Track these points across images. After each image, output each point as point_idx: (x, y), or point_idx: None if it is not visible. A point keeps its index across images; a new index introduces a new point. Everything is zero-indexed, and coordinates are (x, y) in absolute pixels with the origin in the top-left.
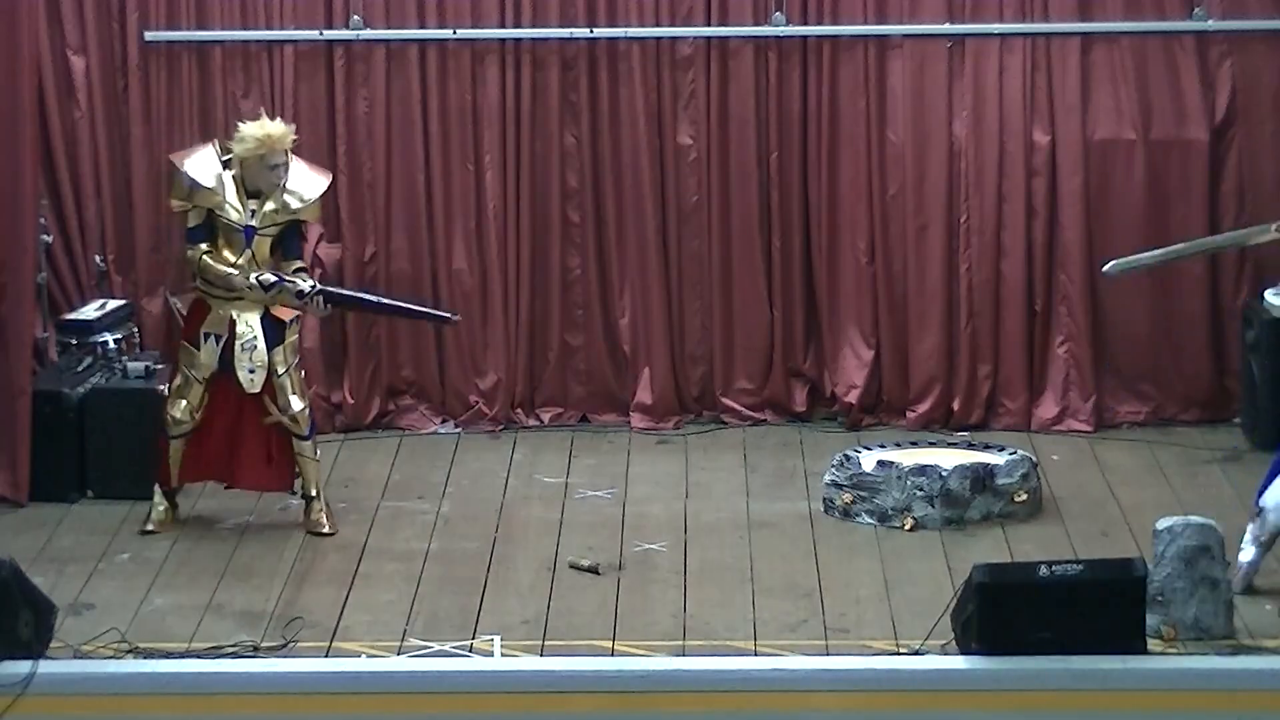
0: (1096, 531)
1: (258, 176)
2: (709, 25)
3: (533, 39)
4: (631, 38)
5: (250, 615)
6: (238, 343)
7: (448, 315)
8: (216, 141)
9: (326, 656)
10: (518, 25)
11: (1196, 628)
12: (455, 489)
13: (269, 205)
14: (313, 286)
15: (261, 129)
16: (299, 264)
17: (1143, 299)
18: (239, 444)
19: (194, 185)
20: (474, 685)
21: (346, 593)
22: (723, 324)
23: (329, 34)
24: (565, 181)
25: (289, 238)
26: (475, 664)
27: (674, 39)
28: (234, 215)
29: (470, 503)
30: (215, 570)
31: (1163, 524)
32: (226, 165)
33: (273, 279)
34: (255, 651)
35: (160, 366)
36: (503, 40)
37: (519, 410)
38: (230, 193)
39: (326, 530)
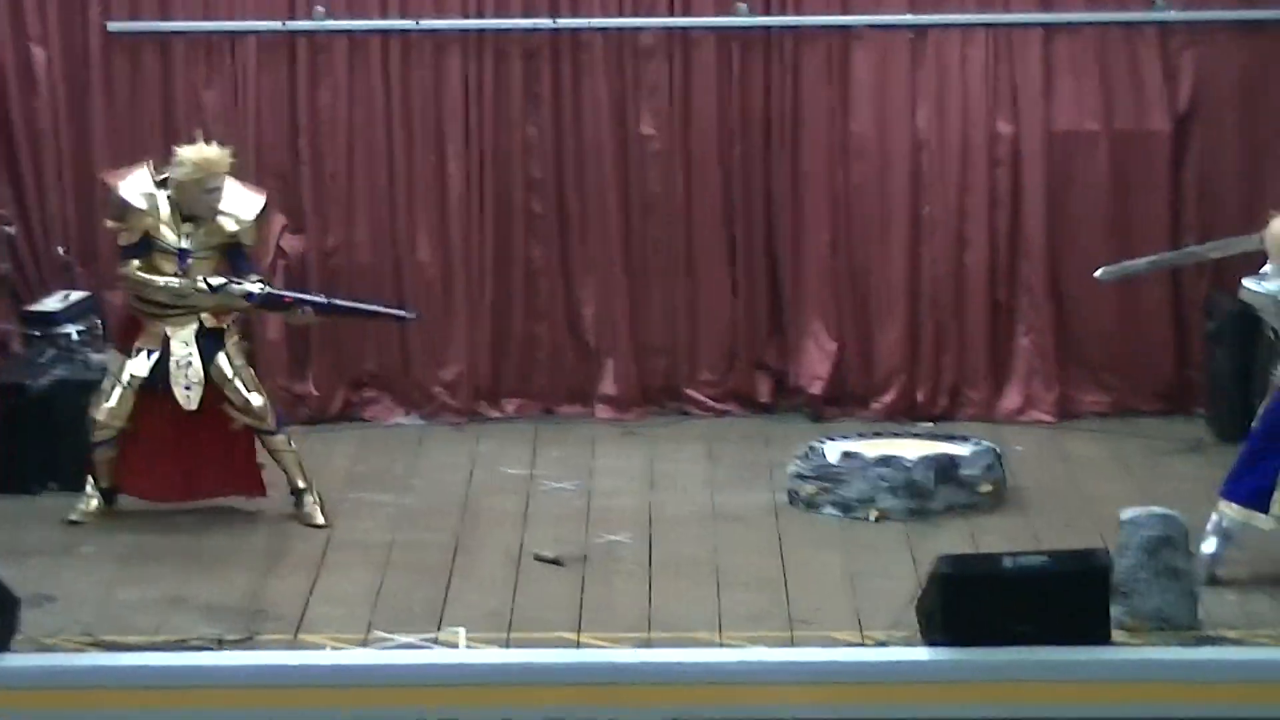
0: (1060, 522)
1: (195, 201)
2: (672, 16)
3: (495, 30)
4: (594, 28)
5: (214, 608)
6: (172, 360)
7: (403, 314)
8: (151, 162)
9: (291, 649)
10: (480, 16)
11: (1160, 618)
12: (419, 481)
13: (203, 229)
14: (261, 288)
15: (199, 153)
16: (255, 278)
17: (1106, 290)
18: (194, 456)
19: (126, 206)
20: (439, 677)
21: (311, 585)
22: (687, 315)
23: (291, 24)
24: (528, 172)
25: (235, 258)
26: (440, 656)
27: (637, 30)
28: (169, 238)
29: (435, 495)
30: (180, 563)
31: (1126, 515)
32: (161, 185)
33: (219, 281)
34: (219, 644)
35: None
36: (465, 31)
37: (483, 402)
38: (165, 214)
39: (320, 523)
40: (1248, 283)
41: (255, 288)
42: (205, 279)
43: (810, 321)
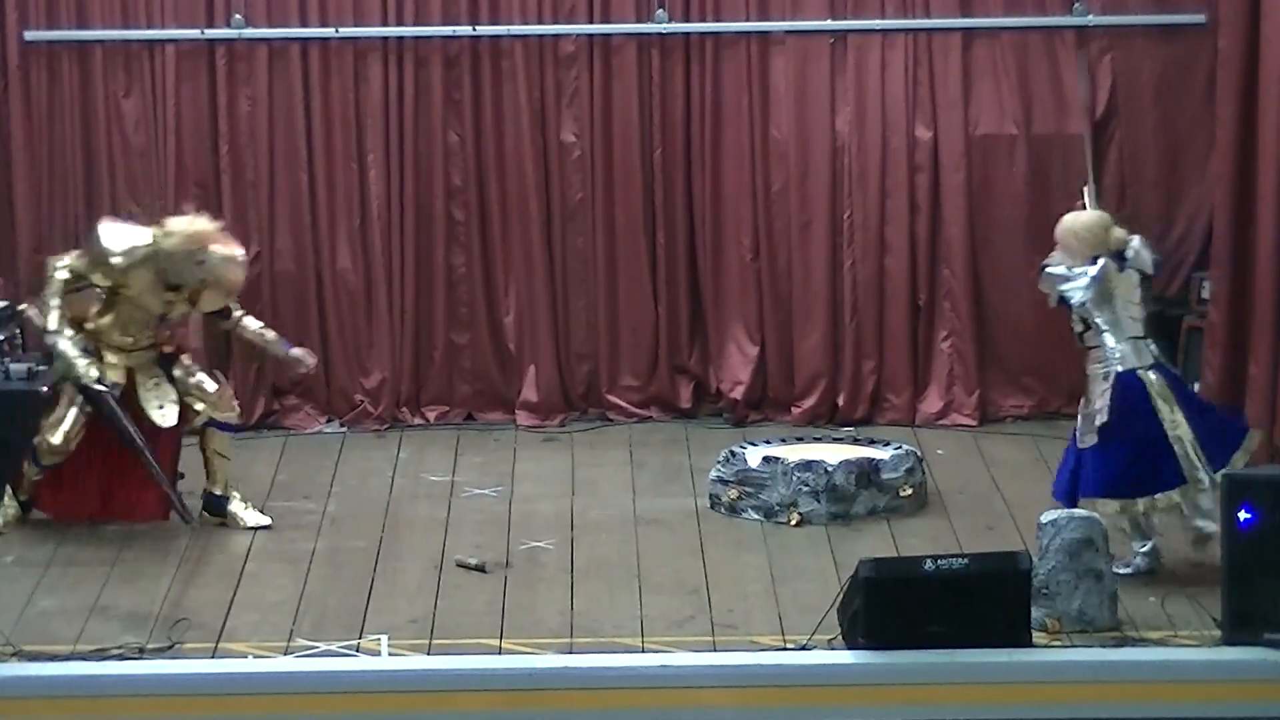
0: (981, 525)
1: (182, 270)
2: (591, 22)
3: (415, 37)
4: (514, 35)
5: (136, 617)
6: (141, 389)
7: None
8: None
9: (213, 657)
10: (400, 23)
11: (1081, 620)
12: (341, 488)
13: (180, 305)
14: (98, 383)
15: (190, 225)
16: (236, 312)
17: (1026, 293)
18: (113, 476)
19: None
20: (361, 685)
21: (233, 593)
22: (608, 321)
23: (210, 33)
24: (449, 180)
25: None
26: (362, 664)
27: (557, 36)
28: (152, 305)
29: (356, 502)
30: (100, 572)
31: (1047, 517)
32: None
33: (62, 352)
34: (141, 653)
35: (43, 368)
36: (385, 39)
37: (404, 409)
38: (145, 284)
39: (263, 523)
40: (1051, 269)
41: (91, 379)
42: (55, 345)
43: (731, 326)
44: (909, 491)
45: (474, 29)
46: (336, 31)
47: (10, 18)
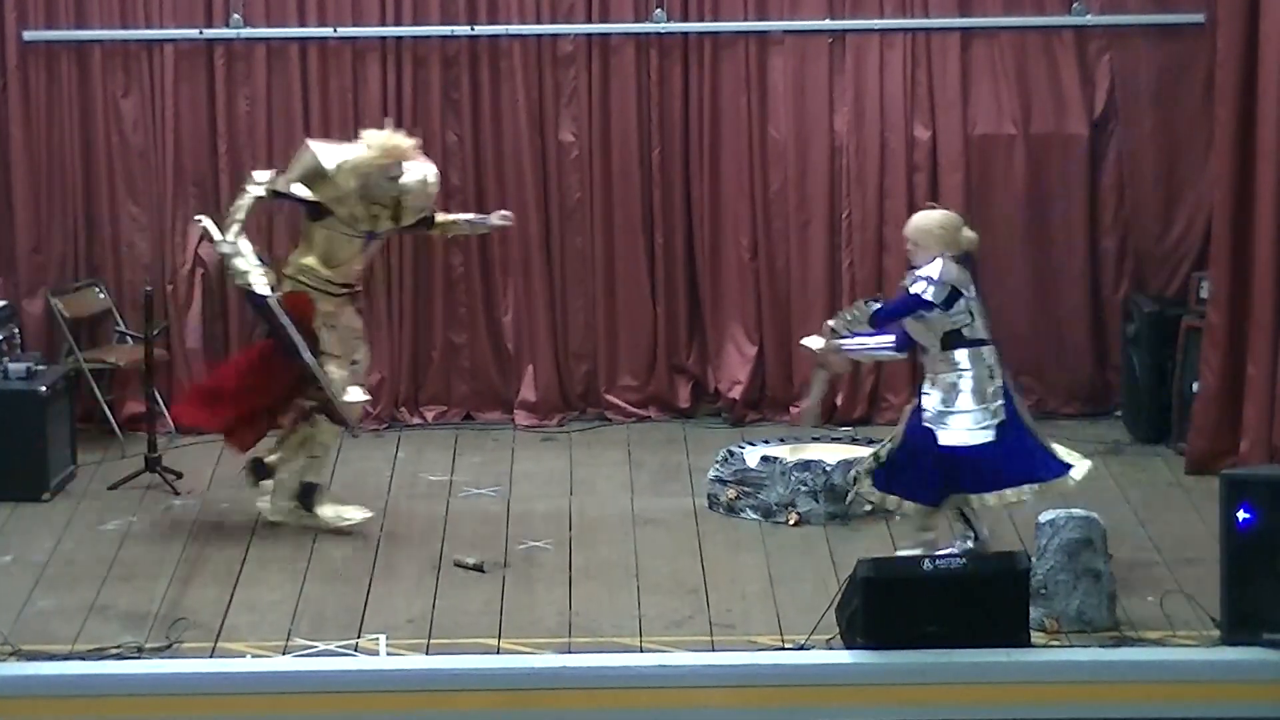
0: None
1: (379, 184)
2: (590, 22)
3: (414, 37)
4: (512, 35)
5: (134, 616)
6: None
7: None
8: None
9: (211, 657)
10: (399, 23)
11: (1079, 620)
12: (340, 487)
13: (385, 220)
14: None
15: (388, 139)
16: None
17: (1024, 293)
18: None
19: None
20: (360, 684)
21: (231, 593)
22: (606, 321)
23: (209, 33)
24: (447, 179)
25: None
26: (361, 663)
27: (555, 36)
28: (361, 217)
29: (355, 501)
30: (99, 572)
31: (1045, 517)
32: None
33: (235, 264)
34: (139, 653)
35: (42, 368)
36: (384, 38)
37: (403, 408)
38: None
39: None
40: (807, 341)
41: (263, 288)
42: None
43: (729, 326)
44: None
45: (472, 29)
46: (335, 31)
47: (9, 17)
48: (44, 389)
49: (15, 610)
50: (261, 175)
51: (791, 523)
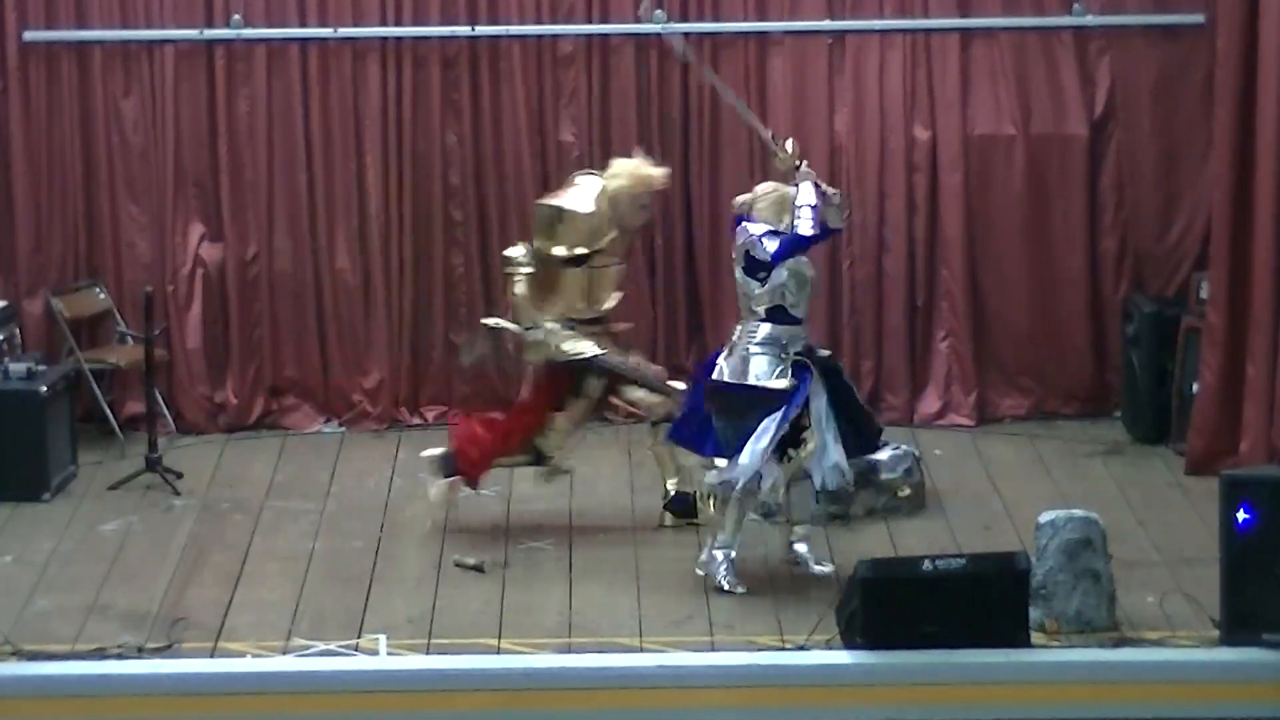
0: (979, 525)
1: (628, 213)
2: (590, 23)
3: (414, 37)
4: (512, 36)
5: (134, 616)
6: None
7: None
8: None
9: (212, 657)
10: (399, 24)
11: (1079, 620)
12: (339, 488)
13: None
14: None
15: (637, 168)
16: None
17: (1023, 293)
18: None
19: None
20: (360, 684)
21: (231, 593)
22: None
23: (209, 33)
24: (447, 180)
25: None
26: (361, 663)
27: (555, 37)
28: (619, 250)
29: (355, 502)
30: (99, 571)
31: (1045, 517)
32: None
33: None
34: (140, 653)
35: (42, 368)
36: (384, 39)
37: (403, 409)
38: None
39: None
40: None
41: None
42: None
43: (729, 327)
44: (907, 491)
45: (472, 29)
46: (335, 32)
47: (9, 18)
48: (44, 389)
49: (15, 610)
50: (516, 252)
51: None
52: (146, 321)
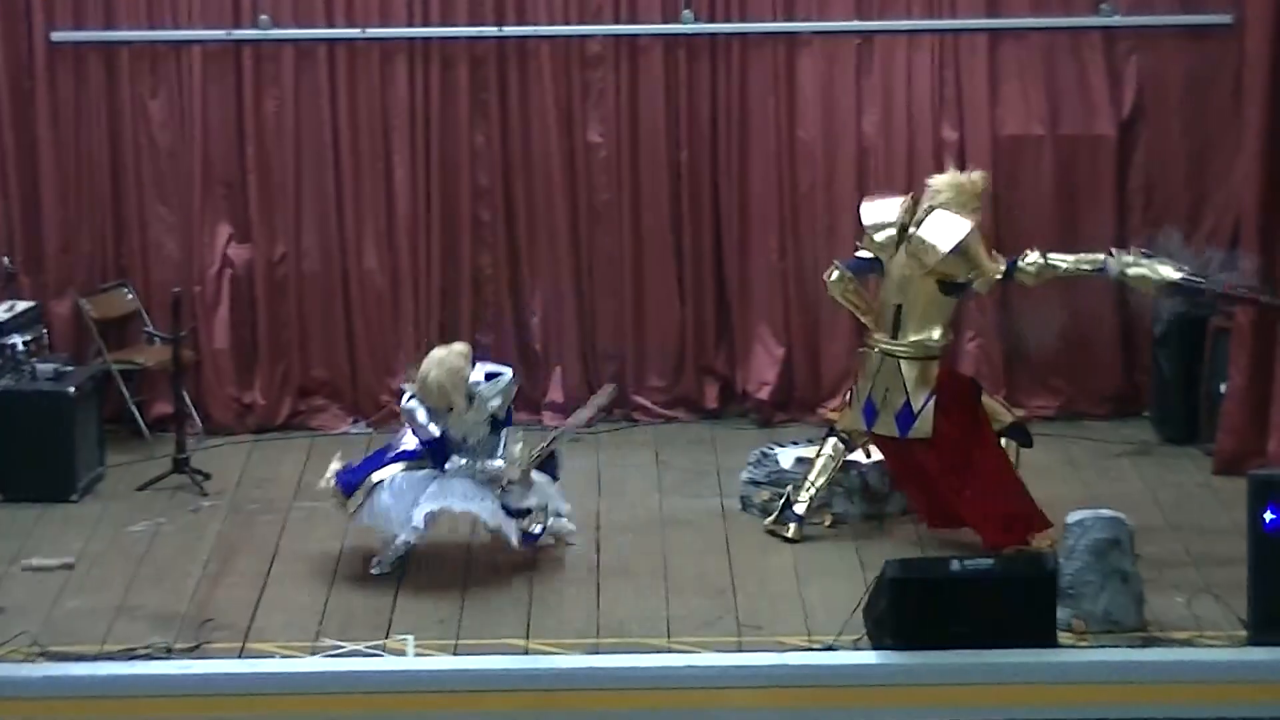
0: None
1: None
2: (618, 23)
3: (442, 38)
4: (541, 36)
5: (163, 617)
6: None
7: None
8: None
9: (240, 657)
10: (426, 24)
11: (1107, 620)
12: None
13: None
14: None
15: (954, 178)
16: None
17: (1052, 295)
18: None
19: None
20: (388, 685)
21: (259, 593)
22: (634, 322)
23: (237, 33)
24: (475, 180)
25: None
26: (389, 664)
27: (583, 37)
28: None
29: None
30: (127, 572)
31: (1073, 517)
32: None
33: None
34: (168, 653)
35: (70, 369)
36: (411, 39)
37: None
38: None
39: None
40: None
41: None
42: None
43: (758, 327)
44: None
45: (500, 30)
46: (363, 32)
47: (36, 19)
48: (72, 390)
49: (44, 611)
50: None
51: (826, 524)
52: (174, 322)
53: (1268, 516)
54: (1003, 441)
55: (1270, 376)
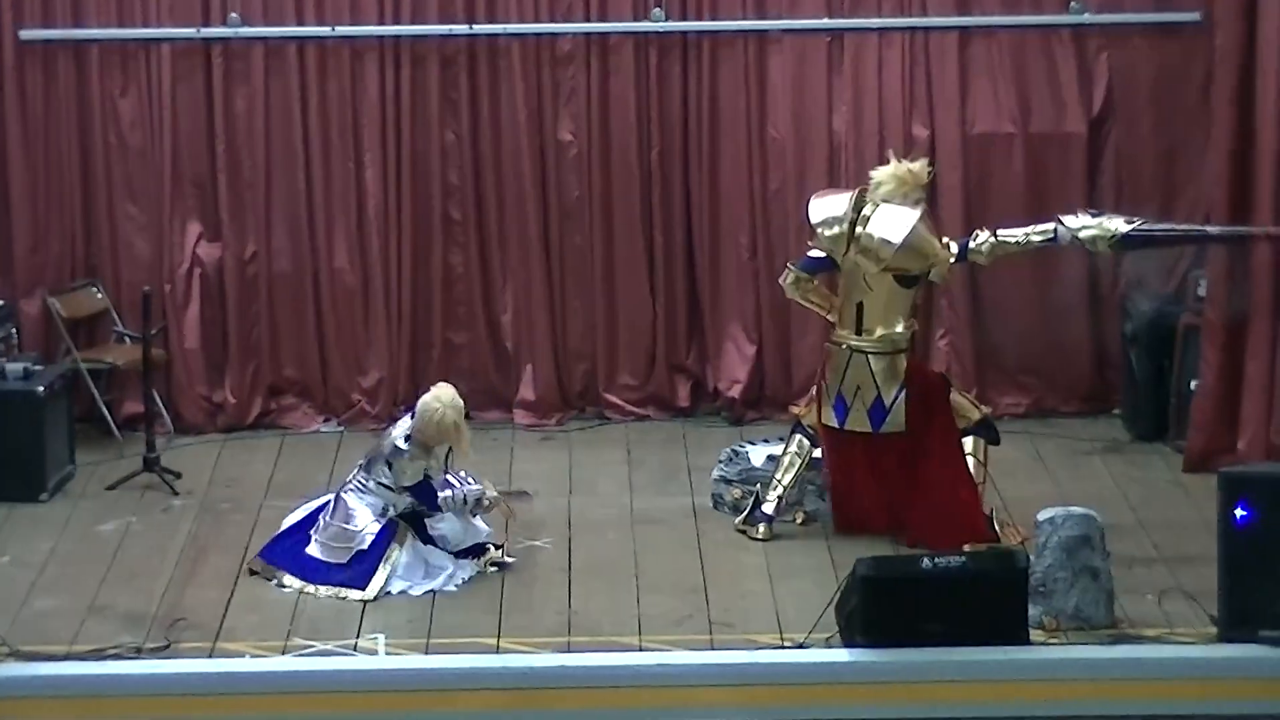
0: None
1: None
2: (589, 21)
3: (412, 36)
4: (511, 34)
5: (133, 617)
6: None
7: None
8: (858, 190)
9: (210, 657)
10: (397, 22)
11: (1078, 617)
12: (337, 485)
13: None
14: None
15: (896, 168)
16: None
17: (1023, 291)
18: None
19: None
20: (359, 684)
21: (230, 593)
22: (605, 320)
23: (206, 32)
24: (446, 179)
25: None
26: (360, 663)
27: (554, 35)
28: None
29: None
30: (97, 572)
31: (1044, 515)
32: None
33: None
34: (138, 653)
35: (39, 368)
36: (382, 38)
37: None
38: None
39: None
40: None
41: None
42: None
43: (729, 325)
44: None
45: (471, 28)
46: (333, 30)
47: (5, 17)
48: (42, 389)
49: (13, 611)
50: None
51: (798, 522)
52: (144, 321)
53: (1238, 513)
54: (969, 441)
55: (1240, 374)
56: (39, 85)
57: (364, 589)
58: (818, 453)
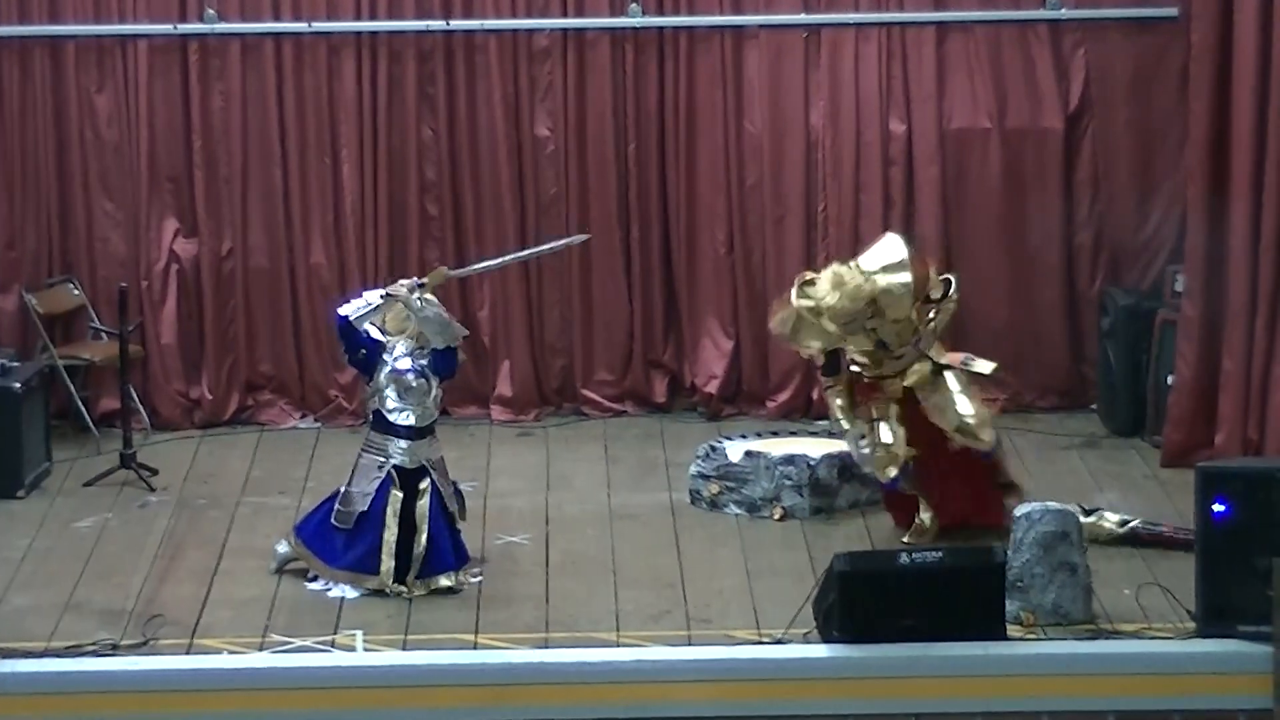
0: None
1: None
2: (565, 17)
3: (389, 32)
4: (488, 30)
5: (110, 613)
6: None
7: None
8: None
9: (188, 654)
10: (374, 18)
11: (1055, 613)
12: (316, 484)
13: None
14: None
15: (832, 278)
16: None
17: (999, 286)
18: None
19: None
20: (337, 680)
21: (207, 590)
22: (582, 316)
23: (183, 28)
24: (423, 174)
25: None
26: (338, 659)
27: (531, 31)
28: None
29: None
30: (74, 569)
31: (1021, 510)
32: None
33: None
34: (115, 650)
35: (16, 364)
36: (359, 33)
37: None
38: None
39: None
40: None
41: None
42: None
43: (706, 321)
44: None
45: (448, 23)
46: (309, 26)
47: None
48: (18, 385)
49: None
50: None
51: (777, 517)
52: (121, 317)
53: (1216, 508)
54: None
55: (1217, 369)
56: (14, 81)
57: (377, 573)
58: (790, 447)
